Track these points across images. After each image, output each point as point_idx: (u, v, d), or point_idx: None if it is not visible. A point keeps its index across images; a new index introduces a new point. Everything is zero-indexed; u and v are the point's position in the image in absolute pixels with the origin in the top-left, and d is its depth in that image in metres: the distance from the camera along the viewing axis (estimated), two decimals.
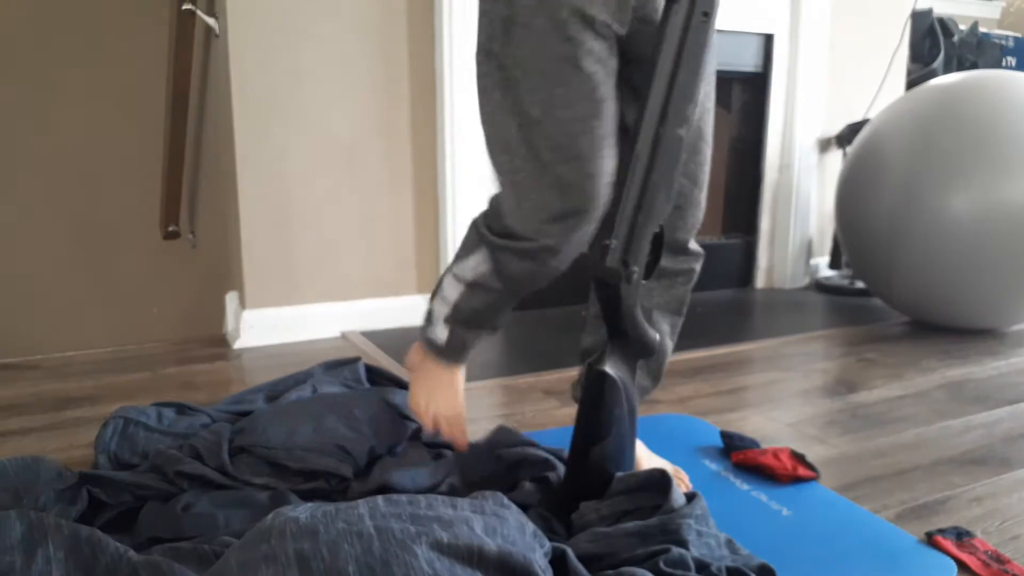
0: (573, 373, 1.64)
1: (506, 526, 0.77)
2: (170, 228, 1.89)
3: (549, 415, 1.45)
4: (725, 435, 1.29)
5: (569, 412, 1.45)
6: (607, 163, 0.93)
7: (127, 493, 1.02)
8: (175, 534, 0.93)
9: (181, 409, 1.31)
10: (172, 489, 1.03)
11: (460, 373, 1.11)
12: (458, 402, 1.11)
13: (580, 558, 0.84)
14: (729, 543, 0.93)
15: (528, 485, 1.03)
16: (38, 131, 1.76)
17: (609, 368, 0.93)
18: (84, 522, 0.93)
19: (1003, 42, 3.07)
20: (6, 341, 1.80)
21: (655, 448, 1.18)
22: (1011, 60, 3.10)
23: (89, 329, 1.88)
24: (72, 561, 0.79)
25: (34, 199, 1.78)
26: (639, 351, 0.96)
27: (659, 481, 0.93)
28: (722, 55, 2.38)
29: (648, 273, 0.93)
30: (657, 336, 0.97)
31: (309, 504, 0.75)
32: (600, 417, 0.93)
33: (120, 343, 1.92)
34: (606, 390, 0.92)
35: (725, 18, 2.32)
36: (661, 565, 0.83)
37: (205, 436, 1.14)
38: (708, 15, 0.88)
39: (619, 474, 0.94)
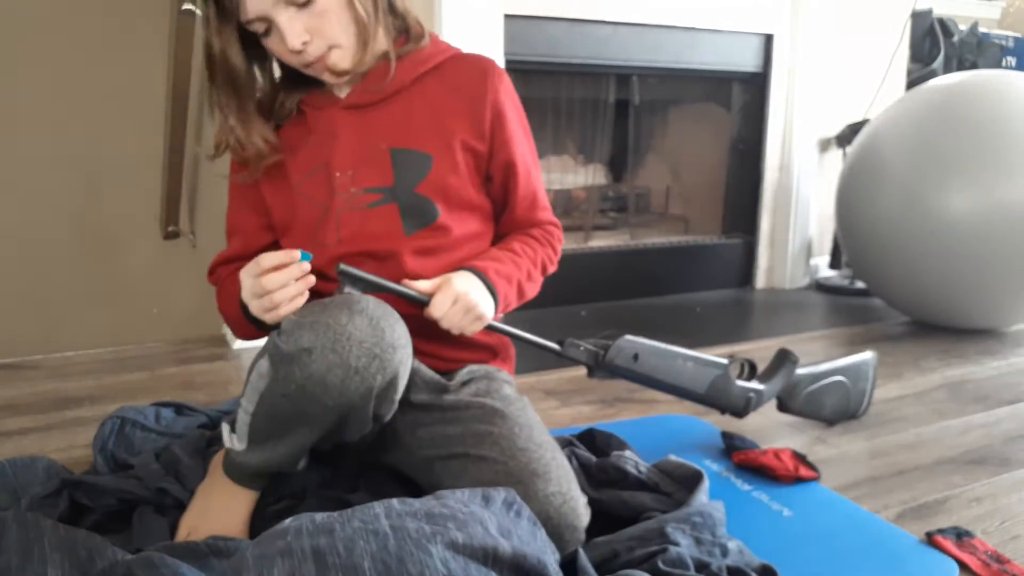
0: (575, 373, 1.64)
1: (520, 527, 0.77)
2: (170, 228, 1.88)
3: (549, 415, 1.45)
4: (726, 435, 1.30)
5: (570, 412, 1.45)
6: None
7: (110, 497, 1.01)
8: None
9: (179, 409, 1.31)
10: (156, 498, 1.02)
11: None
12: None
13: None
14: (741, 552, 0.92)
15: None
16: (38, 131, 1.76)
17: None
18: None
19: (1003, 42, 3.07)
20: (6, 341, 1.80)
21: (655, 448, 1.18)
22: (1011, 60, 3.09)
23: (89, 329, 1.88)
24: (69, 563, 0.78)
25: (34, 199, 1.78)
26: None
27: (694, 481, 1.02)
28: (722, 55, 2.38)
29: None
30: None
31: (324, 512, 0.75)
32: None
33: (120, 343, 1.92)
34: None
35: (725, 18, 2.33)
36: (660, 565, 0.83)
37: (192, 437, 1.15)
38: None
39: (672, 456, 1.10)
